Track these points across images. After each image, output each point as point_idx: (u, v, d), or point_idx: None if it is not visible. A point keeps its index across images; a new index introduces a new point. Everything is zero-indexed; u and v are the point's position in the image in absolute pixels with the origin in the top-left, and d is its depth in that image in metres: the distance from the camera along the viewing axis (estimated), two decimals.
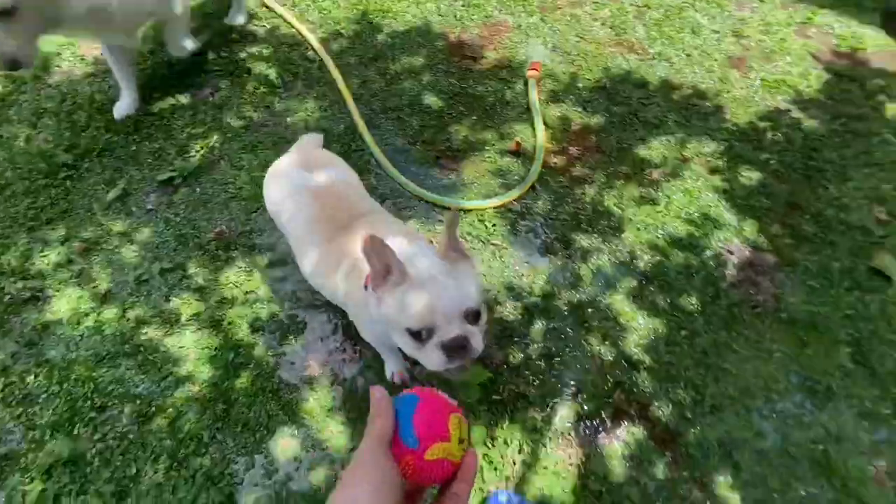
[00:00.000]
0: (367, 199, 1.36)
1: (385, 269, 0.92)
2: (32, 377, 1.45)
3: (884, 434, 1.46)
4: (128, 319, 1.56)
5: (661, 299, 1.68)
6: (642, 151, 2.09)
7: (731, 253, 1.81)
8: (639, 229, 1.85)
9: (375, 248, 0.88)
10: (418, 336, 0.92)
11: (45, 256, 1.68)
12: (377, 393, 0.52)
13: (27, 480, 1.29)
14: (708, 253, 1.80)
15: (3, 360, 1.48)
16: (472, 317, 0.94)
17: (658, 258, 1.78)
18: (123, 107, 2.03)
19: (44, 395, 1.42)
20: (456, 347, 0.90)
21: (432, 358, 0.92)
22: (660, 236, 1.84)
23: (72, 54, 2.31)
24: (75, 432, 1.35)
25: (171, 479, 1.30)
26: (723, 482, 1.36)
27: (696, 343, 1.60)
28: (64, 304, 1.59)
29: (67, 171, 1.90)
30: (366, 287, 1.00)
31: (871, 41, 2.58)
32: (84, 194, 1.85)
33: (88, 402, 1.40)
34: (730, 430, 1.44)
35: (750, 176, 2.04)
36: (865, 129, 2.22)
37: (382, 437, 0.49)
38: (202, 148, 1.99)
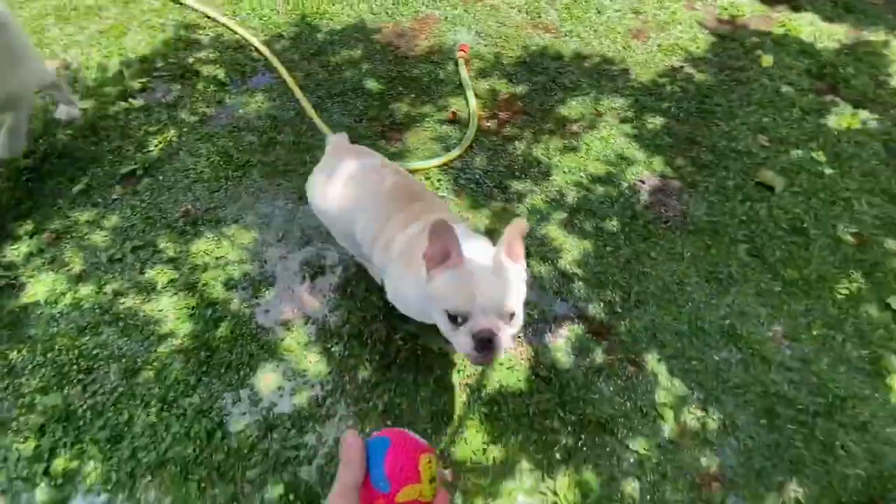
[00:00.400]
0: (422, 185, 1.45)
1: (444, 252, 1.00)
2: (15, 353, 1.52)
3: (776, 304, 1.75)
4: (105, 293, 1.66)
5: (587, 225, 1.94)
6: (562, 110, 2.38)
7: (643, 182, 2.11)
8: (565, 172, 2.12)
9: (441, 231, 0.96)
10: (454, 319, 1.01)
11: (15, 249, 1.76)
12: (349, 439, 0.53)
13: (21, 440, 1.36)
14: (624, 184, 2.09)
15: None
16: (508, 316, 1.02)
17: (583, 193, 2.05)
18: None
19: (29, 367, 1.50)
20: (484, 339, 0.98)
21: (461, 342, 1.01)
22: (583, 176, 2.12)
23: None
24: (65, 392, 1.44)
25: (164, 418, 1.41)
26: (651, 358, 1.60)
27: (619, 255, 1.86)
28: (40, 287, 1.67)
29: (28, 174, 1.98)
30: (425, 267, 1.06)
31: (748, 8, 3.04)
32: (48, 193, 1.94)
33: (75, 367, 1.49)
34: (653, 318, 1.69)
35: (654, 122, 2.37)
36: (746, 77, 2.63)
37: (352, 484, 0.50)
38: (160, 142, 2.12)
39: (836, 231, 1.99)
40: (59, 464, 1.33)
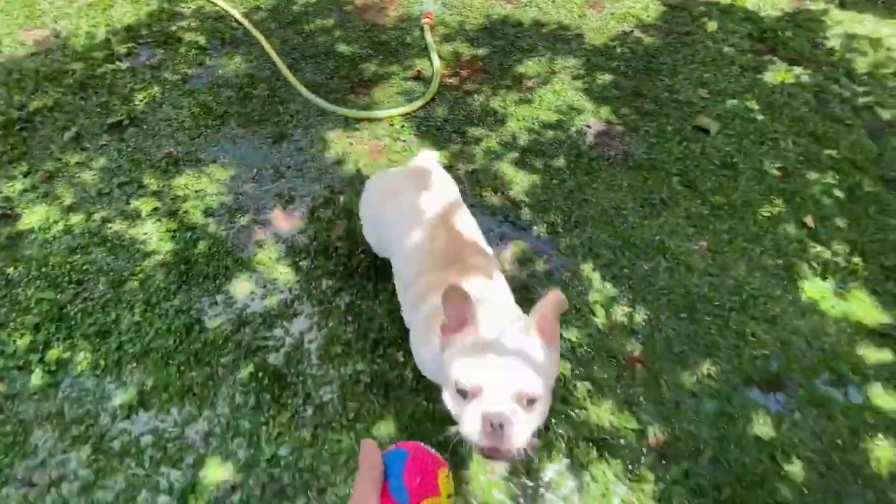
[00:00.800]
0: (475, 236, 1.33)
1: (459, 319, 0.90)
2: (12, 269, 1.68)
3: (703, 224, 1.95)
4: (94, 220, 1.82)
5: (537, 163, 2.13)
6: (519, 69, 2.58)
7: (590, 127, 2.30)
8: (518, 120, 2.32)
9: (456, 296, 0.87)
10: (463, 394, 0.88)
11: (11, 186, 1.92)
12: (367, 446, 0.52)
13: (17, 336, 1.52)
14: (572, 129, 2.29)
15: None
16: (526, 402, 0.86)
17: (534, 137, 2.24)
18: None
19: (25, 280, 1.66)
20: (493, 424, 0.82)
21: (467, 423, 0.85)
22: (535, 123, 2.31)
23: (12, 40, 2.57)
24: (58, 298, 1.60)
25: (147, 318, 1.57)
26: (586, 267, 1.79)
27: (564, 186, 2.05)
28: (34, 217, 1.83)
29: (22, 125, 2.15)
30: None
31: None
32: (40, 140, 2.10)
33: (66, 279, 1.66)
34: (590, 236, 1.88)
35: (604, 78, 2.57)
36: (691, 40, 2.84)
37: (372, 491, 0.49)
38: (145, 98, 2.29)
39: (763, 166, 2.20)
40: (52, 354, 1.49)
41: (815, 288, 1.80)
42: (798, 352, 1.63)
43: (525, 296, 1.69)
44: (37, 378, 1.45)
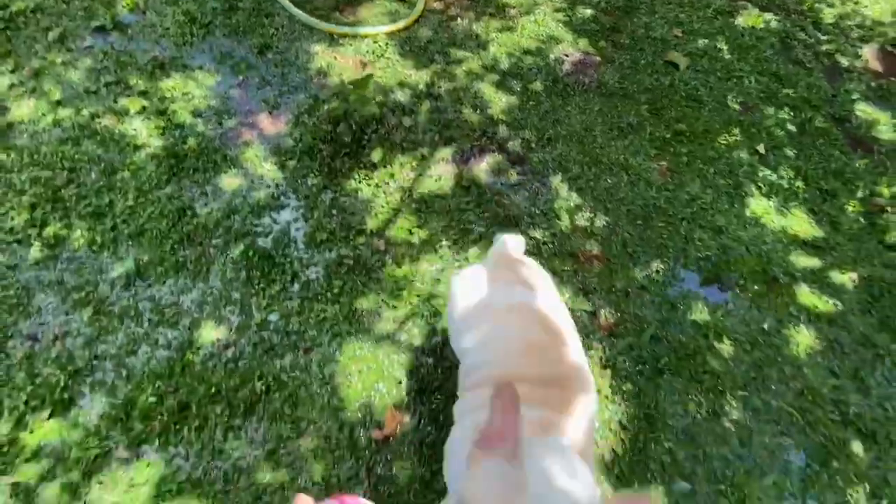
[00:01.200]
0: (573, 346, 1.09)
1: (499, 434, 0.66)
2: (4, 156, 1.73)
3: (664, 147, 2.10)
4: (82, 115, 1.86)
5: (515, 85, 2.24)
6: None
7: (567, 56, 2.40)
8: (500, 45, 2.40)
9: (505, 400, 0.65)
10: None
11: None
12: (300, 501, 0.50)
13: (14, 213, 1.59)
14: (551, 57, 2.38)
15: None
16: None
17: (514, 61, 2.33)
18: None
19: (17, 167, 1.71)
20: None
21: None
22: (515, 49, 2.40)
23: None
24: (52, 182, 1.67)
25: (140, 203, 1.66)
26: (555, 179, 1.93)
27: (539, 108, 2.17)
28: (23, 110, 1.86)
29: (5, 24, 2.12)
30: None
31: None
32: (24, 39, 2.09)
33: (59, 167, 1.72)
34: (561, 153, 2.02)
35: (584, 12, 2.65)
36: None
37: None
38: (129, 4, 2.28)
39: (726, 100, 2.35)
40: (50, 230, 1.58)
41: (759, 205, 1.99)
42: (737, 255, 1.83)
43: (498, 201, 1.84)
44: (36, 251, 1.54)
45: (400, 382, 1.44)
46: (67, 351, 1.38)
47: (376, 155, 1.85)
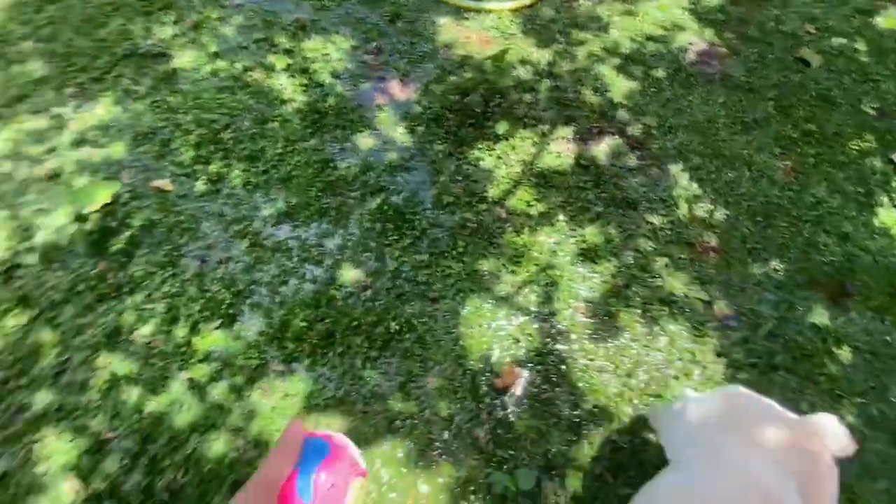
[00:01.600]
0: None
1: None
2: (171, 98, 1.94)
3: (791, 146, 2.03)
4: (236, 68, 2.05)
5: (637, 71, 2.22)
6: None
7: (692, 45, 2.35)
8: (622, 30, 2.37)
9: None
10: None
11: (163, 30, 2.15)
12: (292, 427, 0.48)
13: (183, 150, 1.80)
14: (674, 45, 2.34)
15: (146, 91, 1.97)
16: None
17: (636, 47, 2.31)
18: None
19: (183, 109, 1.92)
20: None
21: None
22: (638, 35, 2.37)
23: None
24: (212, 125, 1.86)
25: (288, 152, 1.82)
26: (675, 168, 1.92)
27: (661, 96, 2.14)
28: (185, 59, 2.07)
29: None
30: None
31: None
32: None
33: (218, 112, 1.91)
34: (682, 142, 2.00)
35: (711, 1, 2.56)
36: None
37: (275, 479, 0.45)
38: None
39: (861, 104, 2.22)
40: (212, 168, 1.77)
41: (890, 216, 1.89)
42: (863, 264, 1.76)
43: (616, 183, 1.86)
44: (201, 185, 1.74)
45: (517, 341, 1.53)
46: (230, 274, 1.57)
47: (500, 127, 1.92)
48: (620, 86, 2.16)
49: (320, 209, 1.71)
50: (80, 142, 1.81)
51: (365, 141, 1.90)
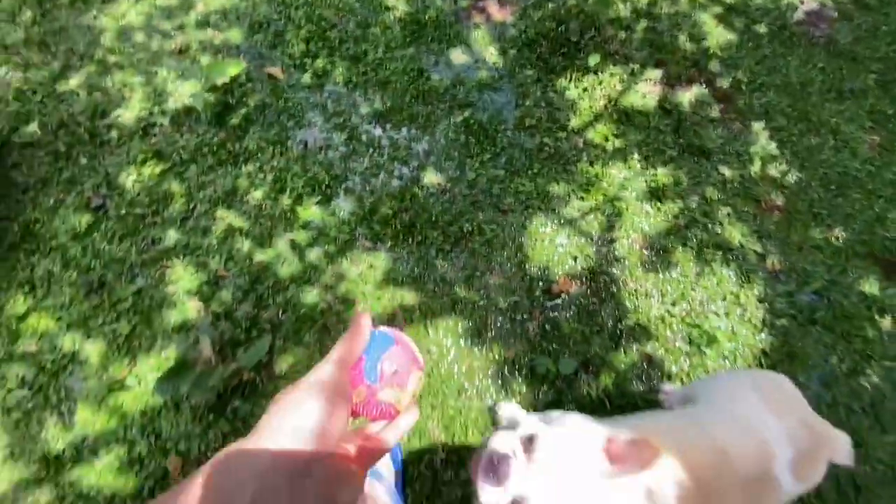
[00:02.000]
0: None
1: None
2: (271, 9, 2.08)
3: (884, 122, 1.99)
4: None
5: (738, 22, 2.17)
6: None
7: (803, 3, 2.25)
8: None
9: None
10: None
11: None
12: (361, 319, 0.53)
13: (294, 43, 1.95)
14: (784, 1, 2.24)
15: None
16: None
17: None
18: None
19: (295, 5, 2.05)
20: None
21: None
22: None
23: None
24: (321, 23, 1.99)
25: (387, 57, 1.95)
26: (757, 126, 1.94)
27: (759, 51, 2.11)
28: None
29: None
30: None
31: None
32: None
33: (325, 13, 2.03)
34: (770, 101, 1.99)
35: None
36: None
37: (346, 359, 0.50)
38: None
39: None
40: (319, 63, 1.92)
41: None
42: None
43: (696, 132, 1.90)
44: (307, 77, 1.90)
45: (575, 259, 1.67)
46: (329, 160, 1.76)
47: (591, 60, 1.96)
48: (718, 36, 2.13)
49: (412, 115, 1.85)
50: (204, 23, 1.99)
51: (458, 57, 1.99)
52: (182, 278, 1.55)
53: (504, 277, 1.62)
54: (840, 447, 1.08)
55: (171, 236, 1.61)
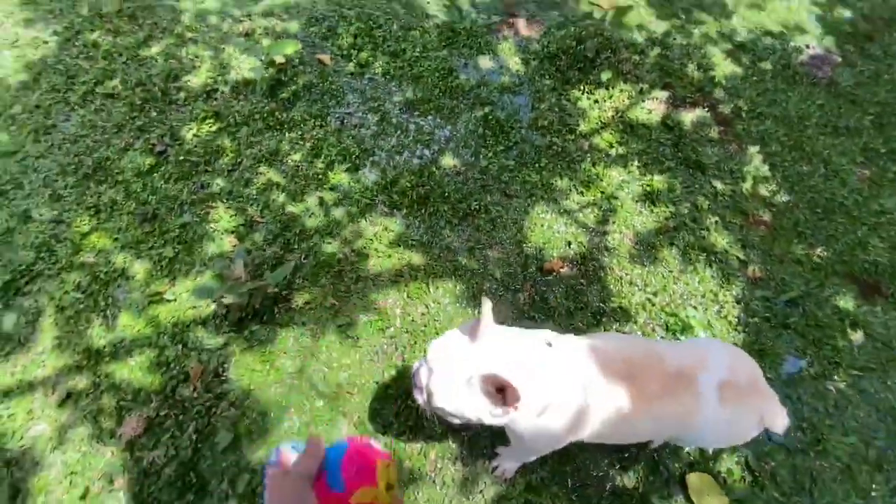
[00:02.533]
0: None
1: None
2: None
3: (874, 158, 2.12)
4: None
5: (745, 58, 2.36)
6: None
7: (808, 47, 2.44)
8: (743, 19, 2.50)
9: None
10: None
11: None
12: (314, 438, 0.56)
13: (343, 36, 2.23)
14: (791, 44, 2.44)
15: None
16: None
17: (751, 37, 2.44)
18: None
19: (347, 6, 2.35)
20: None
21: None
22: (757, 27, 2.49)
23: None
24: (367, 23, 2.27)
25: (423, 56, 2.20)
26: (752, 150, 2.10)
27: (761, 84, 2.29)
28: None
29: None
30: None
31: None
32: None
33: (373, 14, 2.32)
34: (766, 129, 2.16)
35: (843, 13, 2.59)
36: None
37: (305, 474, 0.52)
38: None
39: None
40: (363, 55, 2.19)
41: None
42: None
43: (694, 148, 2.07)
44: (351, 66, 2.17)
45: (569, 244, 1.84)
46: (361, 136, 1.99)
47: (605, 76, 2.17)
48: (725, 68, 2.33)
49: (438, 106, 2.08)
50: (269, 13, 2.30)
51: (485, 62, 2.23)
52: (223, 219, 1.78)
53: (503, 252, 1.80)
54: (776, 414, 1.19)
55: (218, 183, 1.85)
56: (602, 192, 1.95)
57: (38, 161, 1.87)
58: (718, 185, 2.00)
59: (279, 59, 1.97)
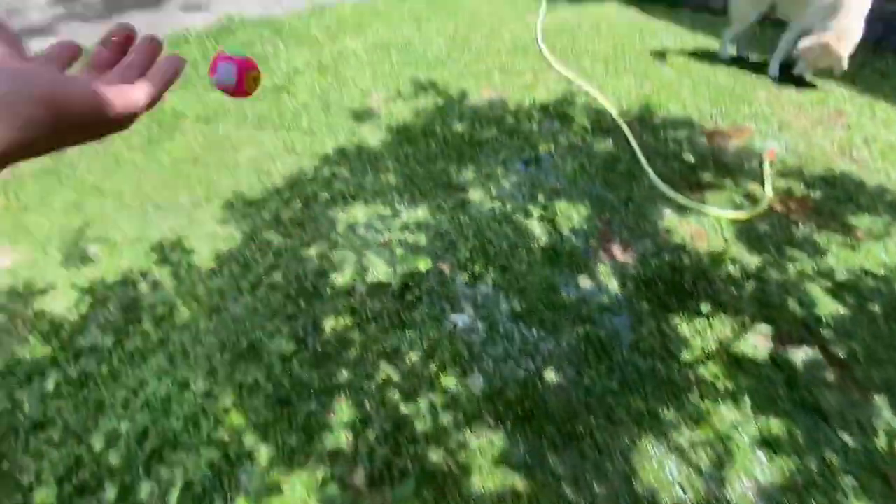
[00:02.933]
0: None
1: None
2: (462, 217, 2.88)
3: None
4: (507, 209, 2.94)
5: (849, 298, 2.38)
6: (852, 220, 2.84)
7: None
8: (838, 259, 2.60)
9: None
10: None
11: (467, 173, 3.24)
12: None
13: (462, 250, 2.63)
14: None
15: (449, 209, 2.97)
16: None
17: (852, 278, 2.49)
18: None
19: (466, 226, 2.82)
20: None
21: None
22: (856, 267, 2.55)
23: (478, 96, 4.18)
24: (490, 244, 2.69)
25: (527, 272, 2.50)
26: (880, 399, 1.97)
27: (874, 326, 2.25)
28: (475, 195, 3.06)
29: (478, 145, 3.54)
30: None
31: None
32: (485, 154, 3.43)
33: (487, 234, 2.75)
34: (891, 377, 2.04)
35: None
36: None
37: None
38: (545, 149, 3.46)
39: None
40: (476, 268, 2.54)
41: None
42: None
43: (811, 391, 2.00)
44: (466, 276, 2.51)
45: (683, 490, 1.73)
46: (471, 341, 2.20)
47: (704, 307, 2.30)
48: (828, 306, 2.35)
49: (541, 320, 2.28)
50: (404, 228, 2.83)
51: (585, 282, 2.48)
52: (343, 411, 1.95)
53: (611, 490, 1.73)
54: None
55: (344, 375, 2.08)
56: (714, 431, 1.89)
57: (206, 336, 2.27)
58: (847, 438, 1.86)
59: (413, 275, 2.37)
